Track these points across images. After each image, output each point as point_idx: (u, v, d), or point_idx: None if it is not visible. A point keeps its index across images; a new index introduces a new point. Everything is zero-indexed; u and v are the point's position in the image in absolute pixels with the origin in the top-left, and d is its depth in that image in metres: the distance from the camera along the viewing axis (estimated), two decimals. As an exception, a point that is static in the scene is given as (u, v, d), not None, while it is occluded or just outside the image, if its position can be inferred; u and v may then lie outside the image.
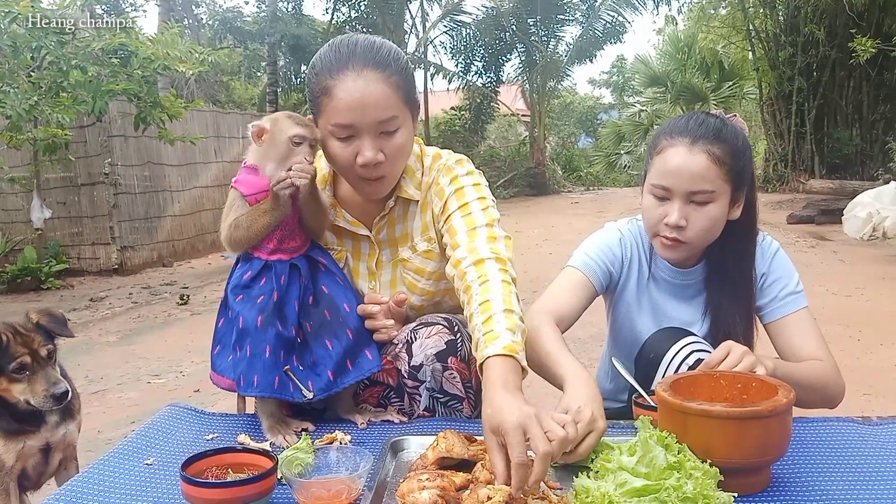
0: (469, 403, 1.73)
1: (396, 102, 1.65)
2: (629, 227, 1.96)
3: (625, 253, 1.92)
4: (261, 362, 1.57)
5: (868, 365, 4.57)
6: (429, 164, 1.85)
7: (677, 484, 1.17)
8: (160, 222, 10.53)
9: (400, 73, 1.67)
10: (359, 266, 1.88)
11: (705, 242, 1.77)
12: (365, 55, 1.64)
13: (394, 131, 1.66)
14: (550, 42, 21.01)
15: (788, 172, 17.48)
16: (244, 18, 19.09)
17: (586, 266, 1.89)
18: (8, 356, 1.75)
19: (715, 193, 1.69)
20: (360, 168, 1.66)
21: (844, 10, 14.12)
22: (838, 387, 1.76)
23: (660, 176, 1.73)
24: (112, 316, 7.23)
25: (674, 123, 1.78)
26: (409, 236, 1.85)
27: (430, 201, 1.83)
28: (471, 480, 1.31)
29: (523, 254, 9.48)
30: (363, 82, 1.61)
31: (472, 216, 1.72)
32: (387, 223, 1.85)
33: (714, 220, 1.72)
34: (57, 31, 7.05)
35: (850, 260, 8.43)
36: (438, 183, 1.81)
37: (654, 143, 1.79)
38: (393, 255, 1.86)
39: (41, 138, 7.94)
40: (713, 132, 1.70)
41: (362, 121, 1.62)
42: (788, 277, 1.83)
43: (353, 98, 1.61)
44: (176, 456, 1.51)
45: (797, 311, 1.81)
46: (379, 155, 1.64)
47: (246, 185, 1.65)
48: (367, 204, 1.84)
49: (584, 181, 24.67)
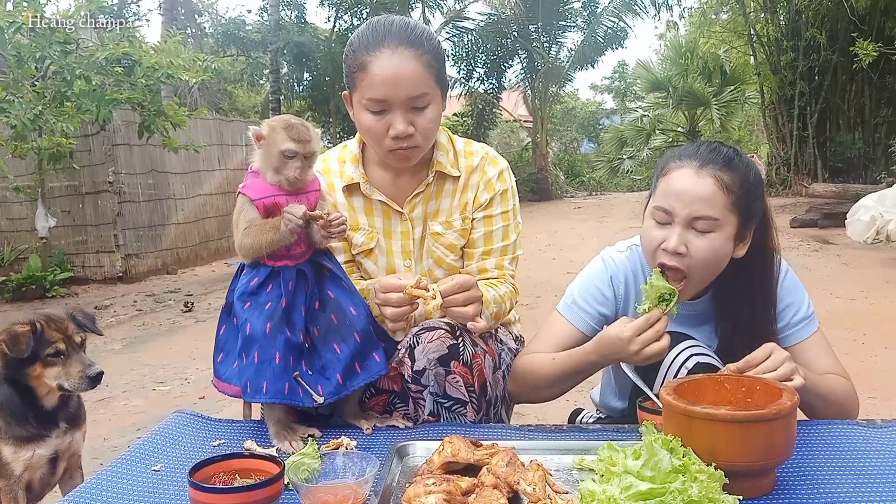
0: (473, 407, 1.74)
1: (428, 80, 1.75)
2: (626, 254, 1.89)
3: (617, 291, 1.86)
4: (270, 369, 1.58)
5: (872, 368, 4.56)
6: (461, 147, 1.97)
7: (682, 487, 1.18)
8: (164, 230, 10.55)
9: (432, 52, 1.77)
10: (391, 245, 1.94)
11: (707, 275, 1.68)
12: (400, 34, 1.74)
13: (424, 107, 1.76)
14: (552, 48, 21.06)
15: (791, 176, 17.47)
16: (247, 27, 19.15)
17: (573, 313, 1.86)
18: (44, 342, 1.80)
19: (719, 222, 1.61)
20: (391, 140, 1.76)
21: (846, 14, 14.15)
22: (855, 402, 1.76)
23: (663, 197, 1.66)
24: (117, 324, 7.24)
25: (685, 148, 1.73)
26: (446, 212, 1.93)
27: (476, 186, 1.93)
28: (476, 485, 1.32)
29: (526, 259, 9.45)
30: (397, 59, 1.72)
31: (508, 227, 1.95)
32: (422, 199, 1.92)
33: (716, 251, 1.63)
34: (61, 41, 7.07)
35: (854, 263, 8.41)
36: (486, 172, 1.94)
37: (661, 168, 1.74)
38: (425, 230, 1.93)
39: (45, 147, 7.96)
40: (724, 159, 1.65)
41: (395, 95, 1.72)
42: (800, 302, 1.79)
43: (388, 74, 1.71)
44: (183, 462, 1.52)
45: (811, 336, 1.78)
46: (409, 128, 1.75)
47: (253, 189, 1.66)
48: (398, 181, 1.92)
49: (586, 186, 24.70)
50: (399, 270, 1.92)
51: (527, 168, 21.62)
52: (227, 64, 10.80)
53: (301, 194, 1.67)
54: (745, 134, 26.92)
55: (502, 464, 1.33)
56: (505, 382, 1.87)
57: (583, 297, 1.87)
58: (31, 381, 1.82)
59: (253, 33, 18.60)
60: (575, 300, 1.87)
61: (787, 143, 17.67)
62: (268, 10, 17.35)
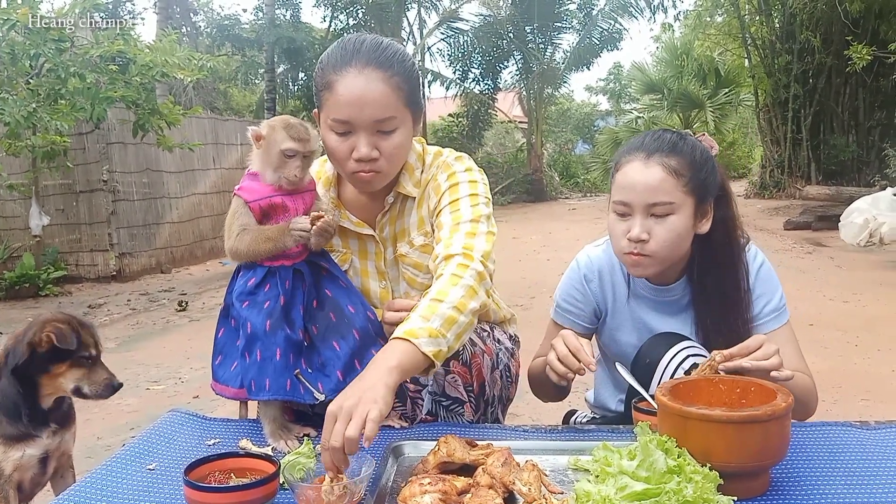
0: (471, 407, 1.74)
1: (395, 103, 1.67)
2: (603, 247, 1.96)
3: (591, 287, 1.94)
4: (272, 366, 1.58)
5: (866, 370, 4.58)
6: (429, 161, 1.88)
7: (677, 488, 1.18)
8: (158, 229, 10.52)
9: (403, 74, 1.69)
10: (367, 266, 1.90)
11: (672, 256, 1.75)
12: (369, 54, 1.67)
13: (390, 131, 1.69)
14: (548, 49, 21.08)
15: (785, 179, 17.53)
16: (242, 26, 19.12)
17: (561, 317, 1.98)
18: (81, 345, 1.81)
19: (675, 205, 1.70)
20: (354, 162, 1.69)
21: (840, 17, 14.18)
22: (816, 401, 1.80)
23: (619, 192, 1.75)
24: (110, 322, 7.22)
25: (633, 141, 1.81)
26: (407, 231, 1.87)
27: (426, 197, 1.85)
28: (472, 485, 1.32)
29: (521, 260, 9.49)
30: (363, 80, 1.64)
31: (459, 212, 1.76)
32: (388, 220, 1.87)
33: (676, 232, 1.71)
34: (55, 39, 7.05)
35: (847, 266, 8.44)
36: (436, 179, 1.84)
37: (615, 163, 1.81)
38: (395, 251, 1.88)
39: (39, 145, 7.93)
40: (668, 145, 1.73)
41: (359, 118, 1.65)
42: (772, 293, 1.83)
43: (353, 95, 1.64)
44: (178, 461, 1.51)
45: (779, 329, 1.81)
46: (374, 152, 1.67)
47: (249, 192, 1.66)
48: (369, 204, 1.86)
49: (581, 187, 24.72)
50: (374, 292, 1.90)
51: (522, 169, 21.65)
52: (222, 63, 10.79)
53: (298, 194, 1.67)
54: (739, 136, 27.02)
55: (498, 464, 1.33)
56: (502, 382, 1.87)
57: (564, 300, 1.98)
58: (46, 379, 1.81)
59: (248, 32, 18.58)
60: (559, 304, 1.99)
61: (781, 146, 17.72)
62: (263, 8, 17.34)
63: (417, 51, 20.52)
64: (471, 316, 1.57)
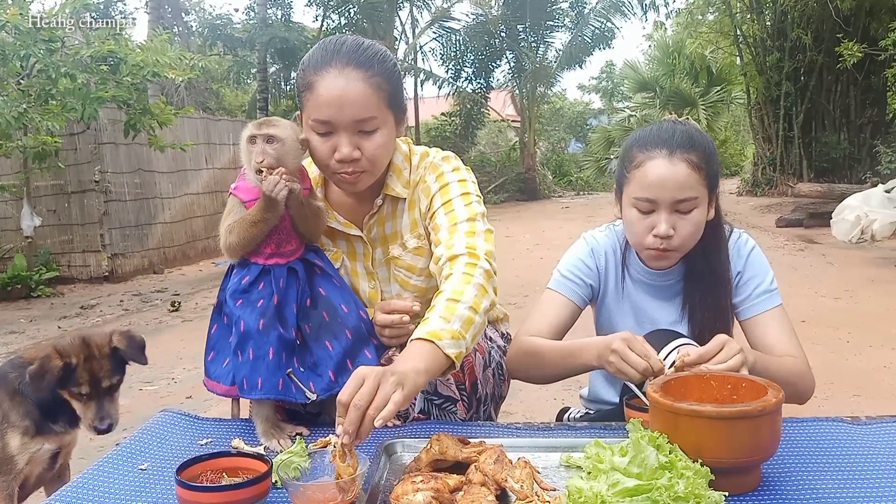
0: (463, 405, 1.74)
1: (376, 103, 1.67)
2: (605, 233, 1.98)
3: (598, 262, 1.95)
4: (264, 364, 1.58)
5: (857, 366, 4.60)
6: (416, 162, 1.87)
7: (669, 483, 1.18)
8: (151, 229, 10.50)
9: (384, 74, 1.68)
10: (356, 266, 1.90)
11: (690, 247, 1.80)
12: (349, 54, 1.67)
13: (372, 132, 1.68)
14: (540, 48, 21.11)
15: (777, 176, 17.58)
16: (234, 25, 19.08)
17: (563, 286, 1.93)
18: (73, 380, 1.74)
19: (698, 199, 1.72)
20: (336, 163, 1.68)
21: (831, 15, 14.24)
22: (809, 383, 1.78)
23: (643, 189, 1.74)
24: (103, 323, 7.20)
25: (645, 135, 1.79)
26: (399, 234, 1.87)
27: (417, 199, 1.85)
28: (465, 482, 1.32)
29: (514, 259, 9.50)
30: (343, 80, 1.64)
31: (454, 212, 1.76)
32: (376, 221, 1.87)
33: (698, 224, 1.75)
34: (46, 39, 7.02)
35: (839, 263, 8.48)
36: (425, 181, 1.84)
37: (628, 157, 1.80)
38: (385, 253, 1.88)
39: (31, 146, 7.90)
40: (688, 140, 1.73)
41: (340, 118, 1.65)
42: (763, 275, 1.85)
43: (333, 95, 1.64)
44: (170, 461, 1.51)
45: (771, 309, 1.82)
46: (355, 152, 1.67)
47: (244, 191, 1.67)
48: (357, 204, 1.86)
49: (574, 186, 24.74)
50: (363, 292, 1.89)
51: (515, 168, 21.66)
52: (213, 62, 10.76)
53: None
54: (731, 134, 27.10)
55: (490, 461, 1.33)
56: (495, 380, 1.87)
57: (569, 269, 1.95)
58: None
59: (240, 32, 18.55)
60: (562, 274, 1.95)
61: (773, 144, 17.77)
62: (255, 8, 17.31)
63: (410, 50, 20.53)
64: (484, 316, 1.58)
